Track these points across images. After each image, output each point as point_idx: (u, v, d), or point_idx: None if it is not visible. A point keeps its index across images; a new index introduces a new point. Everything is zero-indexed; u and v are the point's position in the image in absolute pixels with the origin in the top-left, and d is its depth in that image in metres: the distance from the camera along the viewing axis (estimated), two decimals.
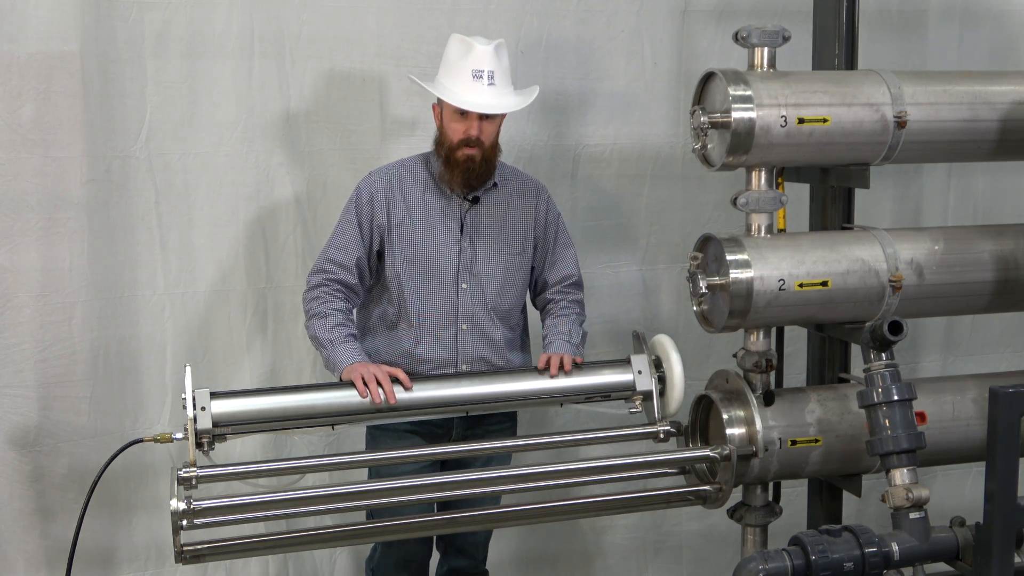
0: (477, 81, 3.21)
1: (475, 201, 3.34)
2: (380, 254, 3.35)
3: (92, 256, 3.66)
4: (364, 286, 3.37)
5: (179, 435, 2.99)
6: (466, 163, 3.25)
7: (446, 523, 3.26)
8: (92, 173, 3.63)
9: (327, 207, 3.81)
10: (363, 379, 3.09)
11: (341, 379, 3.16)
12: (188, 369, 2.99)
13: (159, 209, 3.75)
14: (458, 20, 3.88)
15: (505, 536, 4.19)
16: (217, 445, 3.01)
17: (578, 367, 3.24)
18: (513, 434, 3.51)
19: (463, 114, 3.23)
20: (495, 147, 3.31)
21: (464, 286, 3.32)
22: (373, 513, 3.31)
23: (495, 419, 3.42)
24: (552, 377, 3.20)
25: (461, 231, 3.33)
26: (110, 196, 3.69)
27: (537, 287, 3.51)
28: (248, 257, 3.85)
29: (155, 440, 3.05)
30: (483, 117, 3.24)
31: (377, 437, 3.41)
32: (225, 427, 2.97)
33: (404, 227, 3.31)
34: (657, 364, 3.25)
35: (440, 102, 3.30)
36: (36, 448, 3.67)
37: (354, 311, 3.39)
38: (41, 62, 3.53)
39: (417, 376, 3.20)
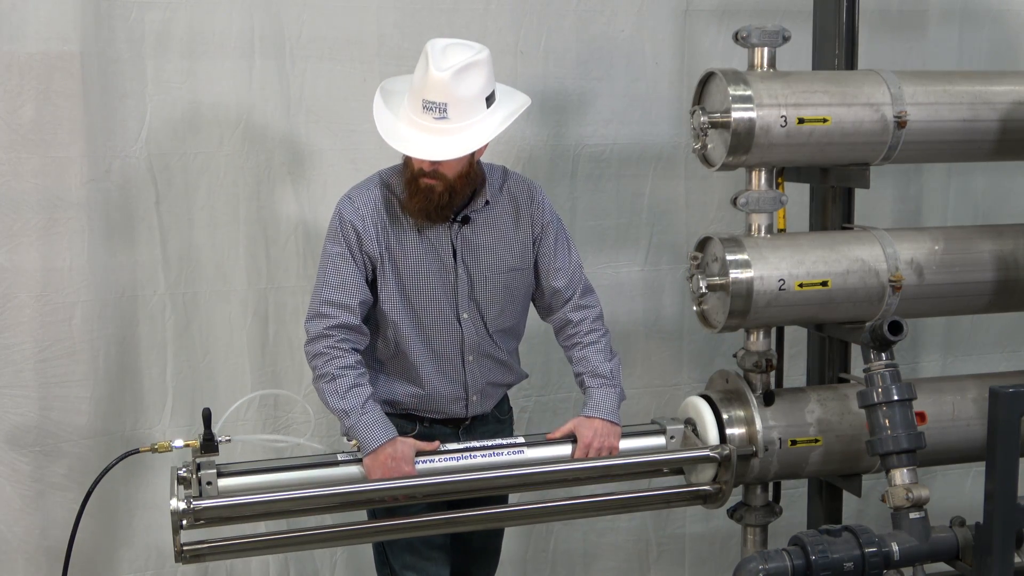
0: (426, 114, 2.85)
1: (465, 221, 3.05)
2: (372, 283, 3.07)
3: (92, 256, 3.66)
4: (369, 324, 3.10)
5: (179, 443, 2.97)
6: (426, 192, 2.93)
7: (447, 523, 3.25)
8: (92, 173, 3.63)
9: (327, 207, 3.76)
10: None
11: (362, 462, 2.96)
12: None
13: (159, 209, 3.76)
14: (458, 20, 3.88)
15: (505, 536, 4.19)
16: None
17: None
18: (510, 434, 3.44)
19: None
20: (466, 176, 2.97)
21: (465, 316, 3.08)
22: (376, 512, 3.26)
23: (492, 421, 3.35)
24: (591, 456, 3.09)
25: (454, 256, 3.05)
26: (110, 196, 3.69)
27: (545, 296, 3.20)
28: (248, 257, 3.85)
29: (153, 450, 3.02)
30: None
31: None
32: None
33: (396, 260, 3.03)
34: (693, 428, 3.24)
35: None
36: (36, 448, 3.67)
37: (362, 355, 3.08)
38: (41, 62, 3.53)
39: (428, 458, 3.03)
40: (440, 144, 2.86)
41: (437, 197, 2.94)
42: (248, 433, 3.84)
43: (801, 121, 3.12)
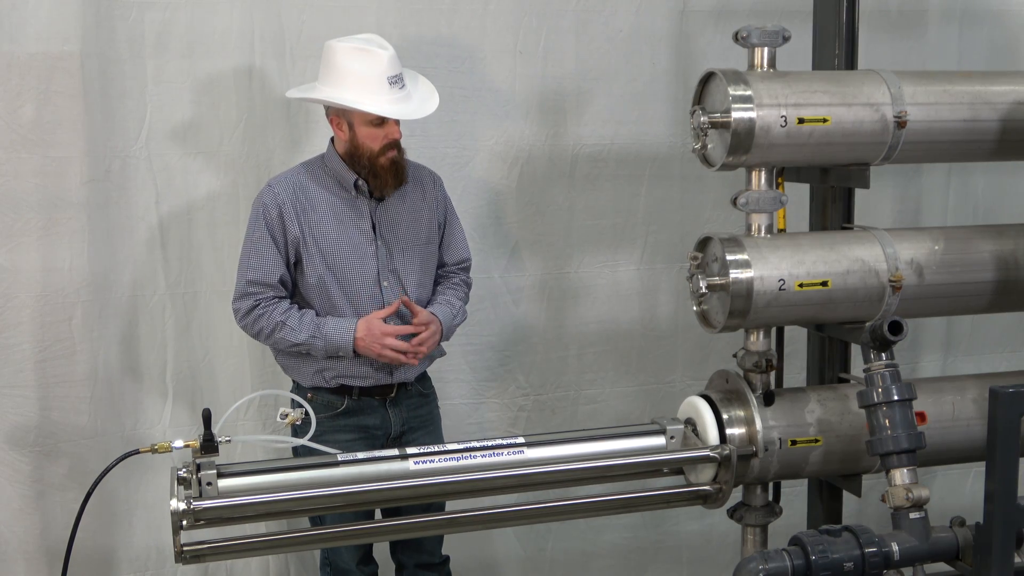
0: (393, 88, 3.22)
1: (381, 199, 3.36)
2: (296, 264, 3.33)
3: (92, 256, 3.66)
4: (292, 297, 3.37)
5: (179, 443, 2.97)
6: (393, 167, 3.28)
7: (446, 523, 3.25)
8: (92, 173, 3.64)
9: None
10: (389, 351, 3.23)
11: (357, 353, 3.26)
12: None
13: (159, 209, 3.76)
14: (457, 20, 3.88)
15: (503, 536, 4.19)
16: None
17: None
18: (436, 417, 3.57)
19: (381, 122, 3.23)
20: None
21: (385, 284, 3.35)
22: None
23: (416, 395, 3.47)
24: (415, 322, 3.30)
25: (374, 230, 3.35)
26: (110, 196, 3.69)
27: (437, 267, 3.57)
28: None
29: (153, 450, 3.02)
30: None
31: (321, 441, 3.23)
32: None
33: (319, 234, 3.29)
34: (693, 428, 3.23)
35: (343, 112, 3.25)
36: (36, 448, 3.68)
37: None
38: (41, 62, 3.53)
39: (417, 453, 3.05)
40: (417, 107, 3.28)
41: (401, 166, 3.31)
42: (248, 433, 3.85)
43: (801, 121, 3.11)
